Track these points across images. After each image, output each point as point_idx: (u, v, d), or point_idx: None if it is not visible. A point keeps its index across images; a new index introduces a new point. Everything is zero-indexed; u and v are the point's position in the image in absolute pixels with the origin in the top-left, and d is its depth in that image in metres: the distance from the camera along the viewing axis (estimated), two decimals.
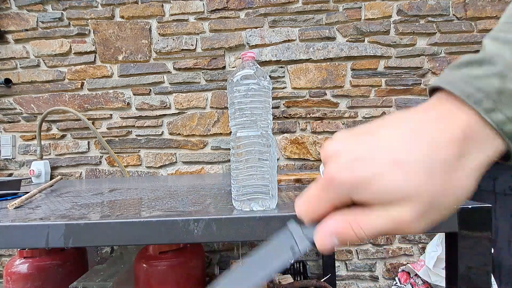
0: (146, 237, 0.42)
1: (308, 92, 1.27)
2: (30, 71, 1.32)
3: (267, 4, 1.25)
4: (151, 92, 1.30)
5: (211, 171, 1.30)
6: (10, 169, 1.34)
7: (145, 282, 0.79)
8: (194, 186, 0.80)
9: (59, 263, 0.90)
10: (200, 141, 1.30)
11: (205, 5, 1.27)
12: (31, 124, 1.33)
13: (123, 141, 1.31)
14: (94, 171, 1.33)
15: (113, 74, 1.31)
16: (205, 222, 0.41)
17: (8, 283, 0.85)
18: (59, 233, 0.42)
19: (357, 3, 1.25)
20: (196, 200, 0.57)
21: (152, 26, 1.29)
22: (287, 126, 1.28)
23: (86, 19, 1.29)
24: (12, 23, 1.31)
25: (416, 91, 1.25)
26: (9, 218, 0.47)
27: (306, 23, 1.26)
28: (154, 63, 1.30)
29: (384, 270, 1.26)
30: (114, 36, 1.29)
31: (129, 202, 0.59)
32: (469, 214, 0.40)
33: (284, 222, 0.41)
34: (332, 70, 1.26)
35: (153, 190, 0.75)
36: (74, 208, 0.54)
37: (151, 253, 0.82)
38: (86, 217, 0.45)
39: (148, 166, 1.32)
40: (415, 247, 1.26)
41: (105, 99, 1.31)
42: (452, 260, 0.41)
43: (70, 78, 1.31)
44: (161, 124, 1.31)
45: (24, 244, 0.45)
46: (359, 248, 1.27)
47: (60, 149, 1.33)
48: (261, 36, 1.26)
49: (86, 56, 1.30)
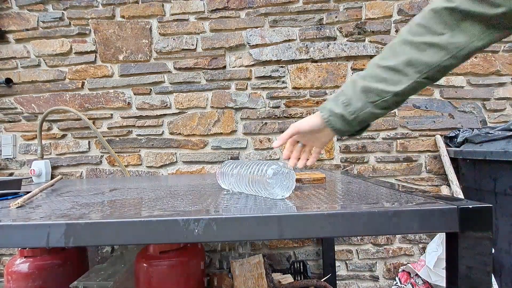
0: (146, 236, 0.42)
1: (308, 92, 1.27)
2: (30, 71, 1.32)
3: (267, 3, 1.25)
4: (152, 92, 1.30)
5: (212, 170, 1.31)
6: (11, 168, 1.34)
7: (146, 281, 0.80)
8: (195, 186, 0.80)
9: (59, 263, 0.90)
10: (200, 141, 1.30)
11: (206, 4, 1.27)
12: (31, 123, 1.33)
13: (123, 140, 1.32)
14: (94, 171, 1.33)
15: (114, 74, 1.31)
16: (205, 222, 0.41)
17: (9, 282, 0.85)
18: (59, 232, 0.42)
19: (357, 3, 1.25)
20: (196, 200, 0.57)
21: (153, 26, 1.29)
22: (287, 126, 1.27)
23: (86, 18, 1.29)
24: (13, 23, 1.31)
25: None
26: (10, 217, 0.47)
27: (306, 22, 1.26)
28: (155, 62, 1.30)
29: (384, 270, 1.26)
30: (115, 36, 1.29)
31: (130, 201, 0.59)
32: (470, 214, 0.40)
33: (284, 222, 0.41)
34: (333, 70, 1.26)
35: (154, 190, 0.75)
36: (75, 207, 0.54)
37: (151, 253, 0.82)
38: (87, 216, 0.45)
39: (148, 165, 1.32)
40: (416, 247, 1.26)
41: (106, 98, 1.31)
42: (453, 260, 0.41)
43: (71, 77, 1.31)
44: (162, 123, 1.31)
45: (24, 244, 0.45)
46: (360, 248, 1.27)
47: (61, 149, 1.33)
48: (262, 36, 1.26)
49: (87, 56, 1.30)
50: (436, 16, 0.45)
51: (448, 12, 0.44)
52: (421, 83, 0.48)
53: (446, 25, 0.44)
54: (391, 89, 0.49)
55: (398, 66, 0.48)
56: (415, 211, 0.41)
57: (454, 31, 0.44)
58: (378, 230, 0.41)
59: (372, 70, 0.51)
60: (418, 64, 0.47)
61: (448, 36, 0.44)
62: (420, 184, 1.26)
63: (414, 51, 0.47)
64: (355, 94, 0.52)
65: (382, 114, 0.52)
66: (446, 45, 0.45)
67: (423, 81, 0.48)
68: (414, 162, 1.26)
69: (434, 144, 1.25)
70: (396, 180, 1.27)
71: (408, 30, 0.49)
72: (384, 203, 0.46)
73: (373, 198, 0.51)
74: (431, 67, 0.46)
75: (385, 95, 0.49)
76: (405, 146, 1.26)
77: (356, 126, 0.54)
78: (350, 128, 0.55)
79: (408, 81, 0.48)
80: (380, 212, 0.41)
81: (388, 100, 0.50)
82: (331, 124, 0.55)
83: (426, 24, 0.47)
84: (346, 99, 0.53)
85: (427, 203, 0.44)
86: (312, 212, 0.42)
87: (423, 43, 0.46)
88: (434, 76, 0.48)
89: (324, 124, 0.56)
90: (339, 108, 0.54)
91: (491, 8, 0.41)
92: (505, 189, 0.96)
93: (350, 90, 0.53)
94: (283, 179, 0.55)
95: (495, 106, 1.25)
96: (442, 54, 0.45)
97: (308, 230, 0.41)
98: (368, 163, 1.28)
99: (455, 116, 1.25)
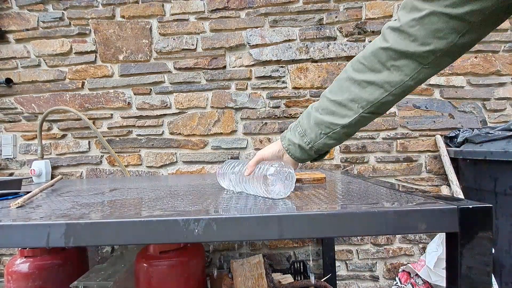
0: (146, 236, 0.42)
1: (308, 92, 1.27)
2: (31, 71, 1.32)
3: (267, 3, 1.25)
4: (152, 92, 1.30)
5: (212, 170, 1.31)
6: (11, 168, 1.34)
7: (146, 281, 0.80)
8: (195, 186, 0.80)
9: (59, 263, 0.90)
10: (200, 141, 1.30)
11: (206, 4, 1.27)
12: (32, 123, 1.33)
13: (123, 140, 1.32)
14: (94, 171, 1.33)
15: (114, 74, 1.31)
16: (205, 222, 0.41)
17: (9, 282, 0.85)
18: (59, 232, 0.42)
19: (357, 3, 1.24)
20: (196, 200, 0.57)
21: (153, 26, 1.29)
22: (287, 126, 1.27)
23: (86, 18, 1.30)
24: (13, 23, 1.31)
25: (416, 91, 1.25)
26: (10, 217, 0.47)
27: (306, 22, 1.26)
28: (155, 62, 1.30)
29: (384, 270, 1.26)
30: (115, 36, 1.29)
31: (130, 201, 0.59)
32: (470, 214, 0.40)
33: (284, 222, 0.41)
34: (333, 70, 1.26)
35: (154, 190, 0.75)
36: (75, 207, 0.54)
37: (151, 253, 0.82)
38: (87, 216, 0.45)
39: (148, 165, 1.32)
40: (416, 247, 1.26)
41: (106, 98, 1.31)
42: (453, 260, 0.41)
43: (71, 77, 1.31)
44: (162, 123, 1.31)
45: (25, 244, 0.45)
46: (360, 248, 1.27)
47: (61, 149, 1.33)
48: (262, 36, 1.26)
49: (87, 56, 1.30)
50: (373, 55, 0.48)
51: (384, 51, 0.46)
52: (366, 117, 0.51)
53: (382, 64, 0.47)
54: (339, 121, 0.52)
55: (343, 101, 0.51)
56: (415, 211, 0.41)
57: (389, 70, 0.47)
58: (378, 230, 0.41)
59: (323, 103, 0.55)
60: (360, 101, 0.50)
61: (385, 75, 0.47)
62: (420, 184, 1.26)
63: (357, 88, 0.50)
64: (309, 126, 0.56)
65: (335, 144, 0.56)
66: (383, 84, 0.48)
67: (367, 115, 0.51)
68: (414, 162, 1.26)
69: (434, 144, 1.25)
70: (396, 180, 1.27)
71: (352, 66, 0.52)
72: (384, 203, 0.46)
73: (373, 198, 0.51)
74: (372, 103, 0.49)
75: (334, 127, 0.53)
76: (405, 146, 1.26)
77: (313, 154, 0.58)
78: (308, 156, 0.59)
79: (353, 115, 0.51)
80: (380, 212, 0.41)
81: (338, 132, 0.53)
82: (290, 152, 0.59)
83: (365, 62, 0.49)
84: (302, 130, 0.57)
85: (427, 203, 0.44)
86: (312, 212, 0.42)
87: (364, 81, 0.49)
88: (377, 110, 0.50)
89: (283, 151, 0.61)
90: (296, 138, 0.58)
91: (421, 47, 0.43)
92: (505, 189, 0.96)
93: (305, 122, 0.57)
94: (283, 179, 0.55)
95: (495, 106, 1.25)
96: (380, 92, 0.48)
97: (308, 230, 0.41)
98: (368, 163, 1.28)
99: (455, 116, 1.25)
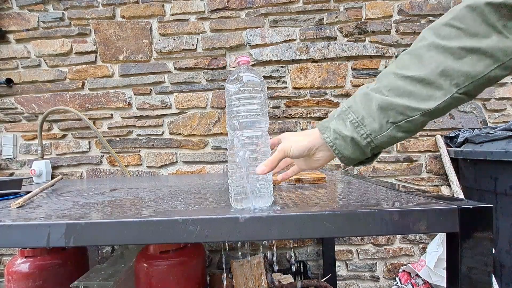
0: (146, 236, 0.42)
1: (308, 92, 1.27)
2: (31, 71, 1.32)
3: (267, 4, 1.25)
4: (152, 92, 1.30)
5: (212, 170, 1.30)
6: (11, 168, 1.34)
7: (146, 281, 0.80)
8: (195, 186, 0.80)
9: (60, 263, 0.90)
10: (200, 141, 1.30)
11: (206, 5, 1.27)
12: (32, 123, 1.33)
13: (124, 140, 1.32)
14: (95, 171, 1.33)
15: (114, 74, 1.31)
16: (205, 222, 0.41)
17: (10, 282, 0.85)
18: (60, 232, 0.42)
19: (358, 3, 1.24)
20: (196, 200, 0.57)
21: (153, 26, 1.29)
22: (287, 126, 1.28)
23: (87, 19, 1.30)
24: (13, 23, 1.31)
25: None
26: (11, 217, 0.47)
27: (307, 22, 1.25)
28: (155, 63, 1.30)
29: (384, 270, 1.26)
30: (115, 36, 1.29)
31: (130, 201, 0.59)
32: (470, 214, 0.40)
33: (284, 222, 0.41)
34: (333, 70, 1.26)
35: (154, 190, 0.75)
36: (75, 207, 0.54)
37: (151, 253, 0.82)
38: (87, 216, 0.45)
39: (148, 165, 1.32)
40: (416, 247, 1.25)
41: (106, 98, 1.31)
42: (453, 260, 0.41)
43: (71, 78, 1.31)
44: (162, 124, 1.31)
45: (25, 244, 0.45)
46: (360, 248, 1.27)
47: (61, 149, 1.33)
48: (262, 36, 1.26)
49: (87, 56, 1.30)
50: (475, 14, 0.36)
51: (493, 8, 0.35)
52: (458, 99, 0.37)
53: (491, 25, 0.35)
54: (420, 105, 0.38)
55: (428, 76, 0.37)
56: (415, 212, 0.41)
57: (502, 33, 0.35)
58: (379, 230, 0.41)
59: (390, 81, 0.40)
60: (455, 75, 0.36)
61: (494, 40, 0.35)
62: (421, 184, 1.26)
63: (449, 58, 0.37)
64: (369, 112, 0.40)
65: (403, 138, 0.41)
66: (493, 51, 0.35)
67: (460, 96, 0.37)
68: (414, 162, 1.26)
69: (434, 144, 1.25)
70: (396, 180, 1.27)
71: (435, 32, 0.39)
72: (384, 204, 0.46)
73: (373, 198, 0.51)
74: (474, 78, 0.36)
75: (412, 113, 0.38)
76: (405, 146, 1.26)
77: (368, 153, 0.43)
78: (360, 155, 0.43)
79: (442, 96, 0.37)
80: (380, 212, 0.41)
81: (415, 120, 0.39)
82: (336, 149, 0.43)
83: (461, 24, 0.37)
84: (356, 118, 0.41)
85: (427, 203, 0.44)
86: (312, 212, 0.42)
87: (461, 48, 0.36)
88: (474, 90, 0.37)
89: (319, 147, 0.44)
90: (347, 129, 0.42)
91: None
92: (506, 189, 0.96)
93: (362, 106, 0.41)
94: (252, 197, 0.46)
95: (495, 106, 1.25)
96: (487, 63, 0.35)
97: (308, 230, 0.41)
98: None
99: (456, 116, 1.25)
